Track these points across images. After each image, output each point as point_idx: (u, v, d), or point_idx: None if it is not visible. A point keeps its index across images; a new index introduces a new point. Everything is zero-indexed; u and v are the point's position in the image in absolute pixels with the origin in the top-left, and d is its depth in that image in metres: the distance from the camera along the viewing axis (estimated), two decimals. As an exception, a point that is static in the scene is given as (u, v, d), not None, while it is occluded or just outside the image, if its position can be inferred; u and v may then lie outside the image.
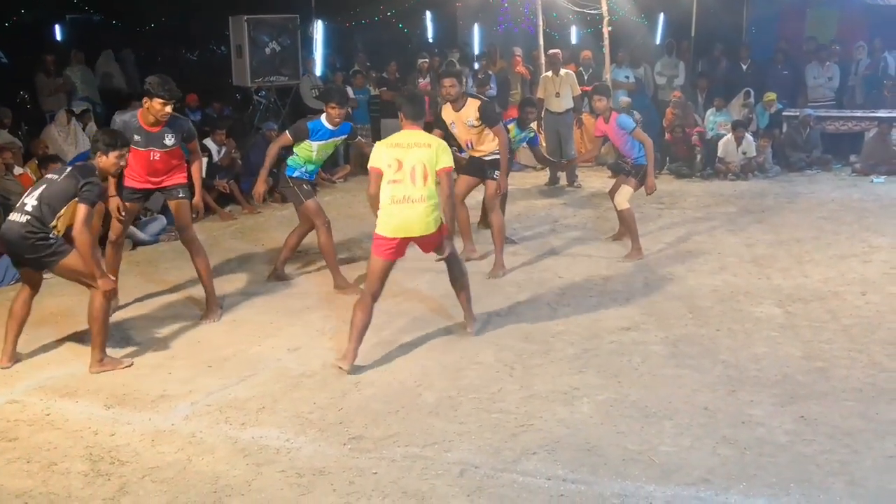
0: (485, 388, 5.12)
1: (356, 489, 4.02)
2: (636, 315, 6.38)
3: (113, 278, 5.60)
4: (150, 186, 6.58)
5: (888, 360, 5.39)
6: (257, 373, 5.46)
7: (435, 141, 5.66)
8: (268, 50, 13.43)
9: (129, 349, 5.95)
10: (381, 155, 5.56)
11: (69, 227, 5.44)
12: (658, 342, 5.83)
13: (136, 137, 6.31)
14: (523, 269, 7.66)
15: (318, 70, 14.73)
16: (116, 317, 6.63)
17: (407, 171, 5.47)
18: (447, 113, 7.53)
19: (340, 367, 5.40)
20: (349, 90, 13.40)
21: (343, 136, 7.21)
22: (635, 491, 3.94)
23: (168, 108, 6.22)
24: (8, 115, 10.88)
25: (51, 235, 5.42)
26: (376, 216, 5.62)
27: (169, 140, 6.38)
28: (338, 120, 7.04)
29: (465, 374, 5.35)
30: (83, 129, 11.09)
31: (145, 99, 6.24)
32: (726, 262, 7.79)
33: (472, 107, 7.37)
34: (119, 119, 6.50)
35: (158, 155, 6.39)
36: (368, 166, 5.70)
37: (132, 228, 8.46)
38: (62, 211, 5.42)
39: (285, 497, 3.98)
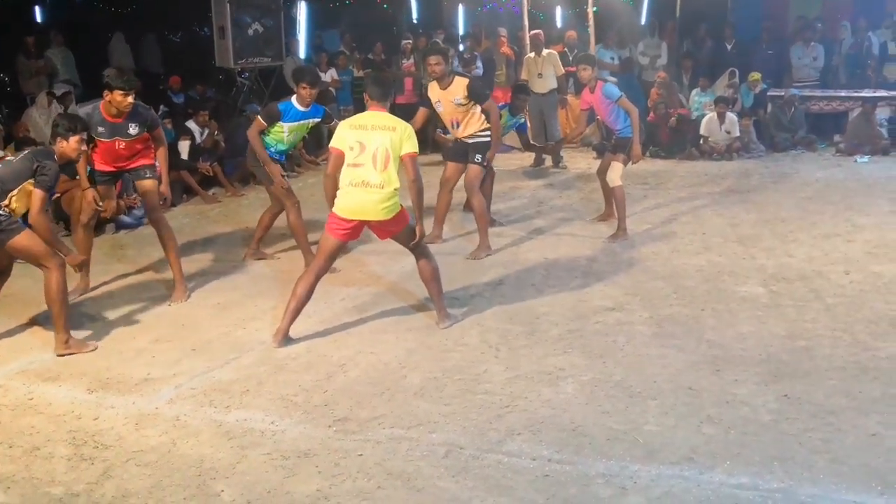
0: (470, 370, 5.12)
1: (341, 471, 4.02)
2: (621, 295, 6.39)
3: (83, 256, 5.54)
4: (118, 169, 6.67)
5: (871, 339, 5.42)
6: (242, 355, 5.44)
7: (400, 124, 5.55)
8: (251, 31, 13.31)
9: (113, 332, 5.91)
10: (345, 136, 5.49)
11: (27, 213, 5.40)
12: (643, 322, 5.84)
13: (101, 129, 6.37)
14: (508, 251, 7.65)
15: (302, 51, 14.62)
16: (101, 300, 6.61)
17: (369, 155, 5.41)
18: (433, 91, 7.48)
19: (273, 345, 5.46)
20: (333, 71, 13.34)
21: (316, 119, 7.20)
22: (620, 470, 3.95)
23: (129, 99, 6.23)
24: (-13, 98, 10.80)
25: (1, 213, 5.39)
26: (329, 202, 5.56)
27: (133, 130, 6.42)
28: (309, 100, 7.03)
29: (450, 356, 5.35)
30: (65, 112, 10.98)
31: (105, 92, 6.24)
32: (711, 241, 7.80)
33: (459, 85, 7.32)
34: (82, 111, 6.51)
35: (123, 143, 6.45)
36: (330, 146, 5.62)
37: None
38: (15, 191, 5.39)
39: (270, 479, 3.97)
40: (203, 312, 6.32)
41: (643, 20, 15.35)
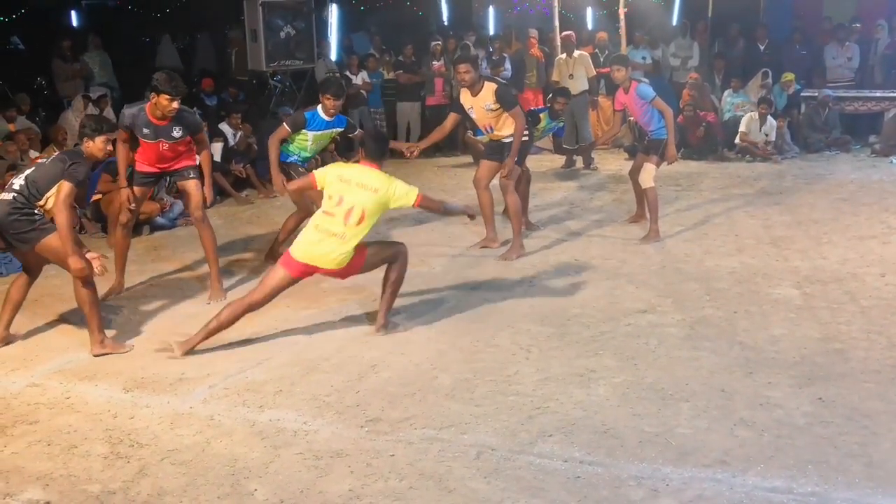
0: (501, 371, 5.12)
1: (373, 471, 4.04)
2: (653, 297, 6.36)
3: (90, 262, 5.56)
4: (160, 171, 6.76)
5: (907, 342, 5.36)
6: (274, 356, 5.48)
7: (383, 186, 5.49)
8: (283, 34, 13.42)
9: (148, 332, 5.98)
10: (329, 181, 5.55)
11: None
12: (675, 324, 5.81)
13: (146, 130, 6.46)
14: (540, 253, 7.64)
15: (333, 54, 14.70)
16: (137, 300, 6.69)
17: (343, 210, 5.43)
18: (465, 98, 7.51)
19: (172, 352, 5.46)
20: (364, 74, 13.39)
21: (339, 129, 7.32)
22: (652, 473, 3.94)
23: (175, 105, 6.31)
24: (26, 101, 10.94)
25: (35, 212, 5.47)
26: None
27: (177, 133, 6.50)
28: (332, 111, 7.15)
29: (481, 357, 5.35)
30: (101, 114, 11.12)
31: (153, 94, 6.31)
32: (744, 243, 7.75)
33: (488, 91, 7.34)
34: (128, 112, 6.58)
35: (167, 145, 6.53)
36: (314, 172, 5.73)
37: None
38: (49, 192, 5.45)
39: (303, 479, 4.00)
40: (236, 313, 6.36)
41: (675, 21, 15.26)
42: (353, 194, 5.46)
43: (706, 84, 13.32)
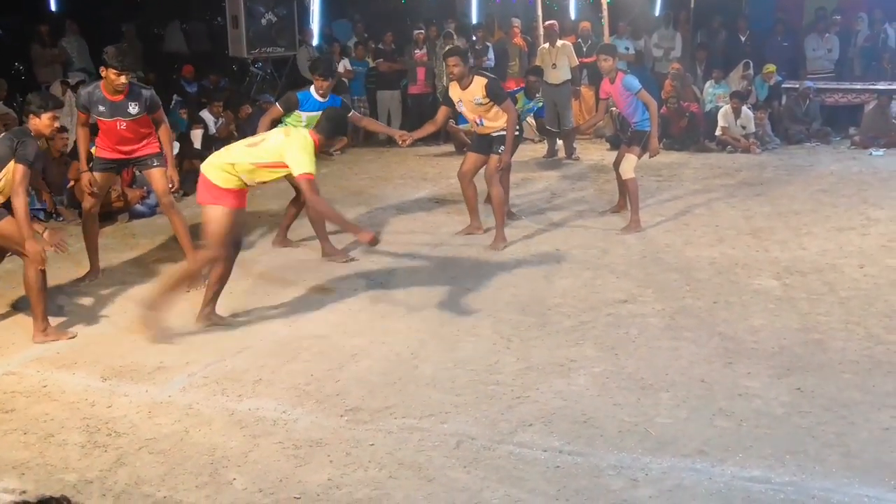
0: (481, 360, 5.12)
1: (353, 460, 4.03)
2: (633, 287, 6.37)
3: (45, 247, 5.50)
4: (121, 156, 6.68)
5: (885, 333, 5.39)
6: (254, 345, 5.46)
7: (293, 142, 5.48)
8: (264, 21, 13.32)
9: (126, 320, 5.93)
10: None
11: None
12: (655, 314, 5.83)
13: (101, 108, 6.44)
14: (522, 242, 7.64)
15: (315, 41, 14.62)
16: (114, 288, 6.63)
17: (257, 140, 5.69)
18: (454, 91, 7.48)
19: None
20: (346, 62, 13.32)
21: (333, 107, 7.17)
22: (631, 462, 3.95)
23: (122, 79, 6.31)
24: (3, 86, 10.82)
25: None
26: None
27: (133, 109, 6.45)
28: (322, 92, 7.15)
29: (462, 347, 5.35)
30: (78, 101, 11.01)
31: (102, 69, 6.35)
32: (724, 234, 7.78)
33: (478, 84, 7.31)
34: (83, 91, 6.59)
35: (125, 124, 6.47)
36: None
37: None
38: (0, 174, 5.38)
39: (282, 468, 3.99)
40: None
41: (657, 11, 15.27)
42: (273, 136, 5.64)
43: (688, 75, 13.36)
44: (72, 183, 8.65)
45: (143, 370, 5.10)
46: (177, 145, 9.06)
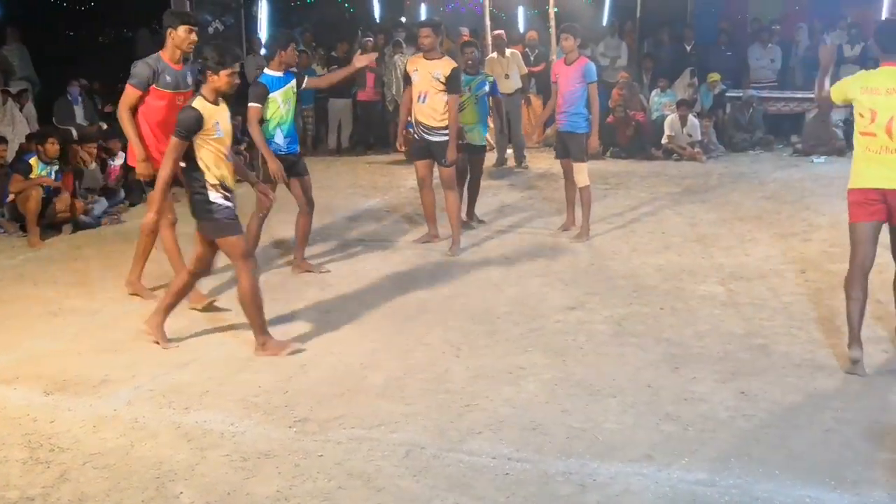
0: (431, 369, 5.12)
1: (301, 472, 4.00)
2: (581, 294, 6.43)
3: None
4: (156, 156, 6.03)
5: (826, 337, 5.50)
6: (201, 356, 5.39)
7: None
8: (211, 29, 13.24)
9: (71, 333, 5.83)
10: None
11: None
12: (603, 321, 5.88)
13: (168, 78, 6.01)
14: (470, 250, 7.67)
15: (263, 50, 14.51)
16: (58, 300, 6.50)
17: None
18: (414, 62, 7.58)
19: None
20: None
21: (292, 83, 6.87)
22: (579, 468, 3.97)
23: (194, 36, 5.95)
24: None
25: None
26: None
27: (189, 79, 6.07)
28: (280, 67, 6.81)
29: (413, 355, 5.34)
30: (20, 110, 10.82)
31: (170, 29, 5.93)
32: (670, 241, 7.88)
33: (446, 63, 7.38)
34: (141, 63, 6.04)
35: (182, 99, 5.95)
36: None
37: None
38: None
39: (230, 481, 3.94)
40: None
41: (604, 21, 15.45)
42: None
43: (635, 83, 13.52)
44: (12, 196, 8.47)
45: (88, 383, 5.01)
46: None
